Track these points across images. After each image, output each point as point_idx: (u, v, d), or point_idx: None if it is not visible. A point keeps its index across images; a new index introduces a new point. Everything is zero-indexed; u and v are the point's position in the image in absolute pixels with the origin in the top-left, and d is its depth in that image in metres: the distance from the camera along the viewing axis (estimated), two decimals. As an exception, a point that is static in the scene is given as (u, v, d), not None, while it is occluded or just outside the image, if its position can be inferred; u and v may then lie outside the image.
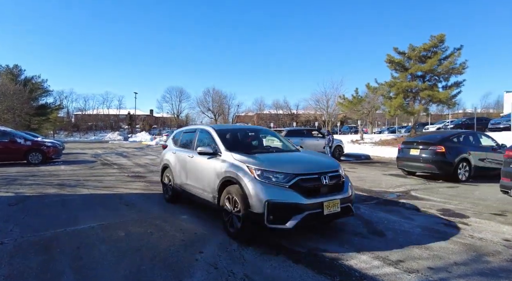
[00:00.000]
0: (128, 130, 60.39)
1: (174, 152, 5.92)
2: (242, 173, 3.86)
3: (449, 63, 18.77)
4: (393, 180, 8.87)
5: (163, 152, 6.51)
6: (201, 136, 5.38)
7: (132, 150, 23.93)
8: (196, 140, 5.38)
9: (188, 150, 5.46)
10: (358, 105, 22.21)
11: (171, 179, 5.85)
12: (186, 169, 5.33)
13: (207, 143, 5.01)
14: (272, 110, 64.84)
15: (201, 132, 5.44)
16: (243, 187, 3.76)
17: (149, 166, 12.73)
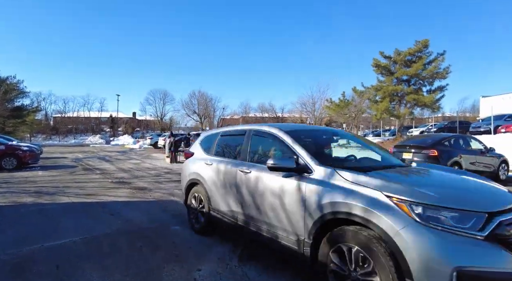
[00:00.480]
0: (110, 133, 58.77)
1: (208, 164, 4.20)
2: (381, 210, 2.15)
3: (433, 67, 19.16)
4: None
5: (187, 163, 4.83)
6: (258, 141, 3.71)
7: (115, 154, 23.10)
8: (249, 147, 3.68)
9: (237, 161, 3.73)
10: (345, 109, 22.34)
11: (206, 202, 4.16)
12: (237, 190, 3.57)
13: (272, 152, 3.48)
14: (258, 113, 64.77)
15: (258, 134, 3.70)
16: (390, 239, 2.05)
17: (133, 171, 12.18)
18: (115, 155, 21.41)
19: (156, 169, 12.96)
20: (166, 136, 26.44)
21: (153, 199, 6.75)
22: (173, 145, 16.66)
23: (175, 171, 11.96)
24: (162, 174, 11.27)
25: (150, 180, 9.65)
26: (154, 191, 7.66)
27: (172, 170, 12.48)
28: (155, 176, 10.72)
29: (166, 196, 7.04)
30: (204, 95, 55.16)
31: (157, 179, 9.84)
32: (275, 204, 2.99)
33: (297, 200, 2.75)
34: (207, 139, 4.74)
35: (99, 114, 65.50)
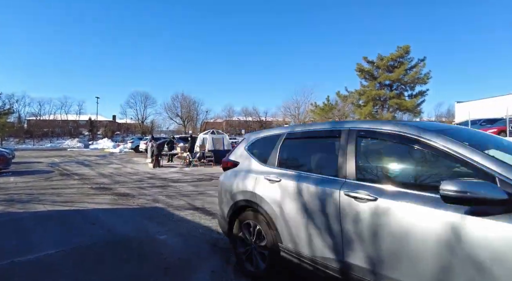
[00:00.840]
0: (89, 137, 56.84)
1: (272, 180, 2.85)
2: None
3: (415, 73, 19.63)
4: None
5: (228, 176, 3.47)
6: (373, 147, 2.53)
7: (94, 158, 22.22)
8: (353, 157, 2.34)
9: (331, 178, 2.43)
10: (329, 113, 22.54)
11: (270, 236, 2.80)
12: (339, 224, 2.24)
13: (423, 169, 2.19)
14: (241, 117, 64.68)
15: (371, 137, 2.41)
16: None
17: (114, 176, 11.64)
18: (95, 160, 20.58)
19: (138, 174, 12.47)
20: (147, 140, 25.79)
21: (137, 206, 6.38)
22: (155, 149, 16.16)
23: (158, 176, 11.53)
24: (144, 179, 10.82)
25: (132, 186, 9.22)
26: (137, 198, 7.28)
27: (155, 175, 12.03)
28: (137, 181, 10.27)
29: (151, 203, 6.68)
30: (187, 98, 54.53)
31: (139, 185, 9.41)
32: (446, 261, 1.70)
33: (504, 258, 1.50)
34: (260, 143, 3.37)
35: (77, 117, 63.33)
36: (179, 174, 12.22)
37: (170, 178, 11.09)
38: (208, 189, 8.42)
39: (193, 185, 9.33)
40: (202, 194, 7.75)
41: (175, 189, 8.50)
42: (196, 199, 7.08)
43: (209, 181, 10.31)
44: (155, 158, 15.21)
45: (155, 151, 15.36)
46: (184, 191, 8.15)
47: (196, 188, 8.64)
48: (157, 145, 15.60)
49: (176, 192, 8.09)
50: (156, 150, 15.32)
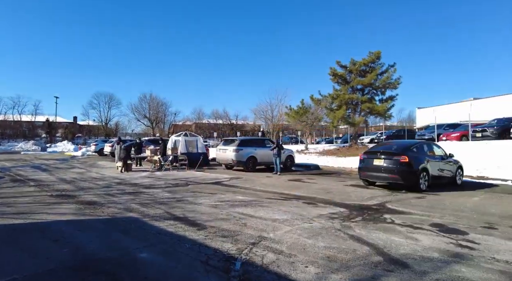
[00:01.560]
0: (46, 139, 52.73)
1: None
2: None
3: (386, 78, 20.11)
4: (359, 192, 8.54)
5: None
6: None
7: (54, 162, 20.37)
8: None
9: None
10: (303, 116, 22.49)
11: None
12: None
13: None
14: (211, 119, 63.59)
15: None
16: None
17: (77, 181, 10.52)
18: (54, 164, 18.84)
19: (104, 179, 11.39)
20: (113, 142, 24.14)
21: (107, 217, 5.58)
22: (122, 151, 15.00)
23: (127, 182, 10.58)
24: (113, 185, 9.85)
25: (99, 192, 8.28)
26: (106, 206, 6.44)
27: (124, 180, 11.05)
28: (105, 187, 9.29)
29: (123, 212, 5.90)
30: (155, 99, 52.41)
31: (108, 191, 8.48)
32: None
33: None
34: None
35: (33, 118, 58.59)
36: (151, 179, 11.34)
37: (141, 183, 10.20)
38: (186, 196, 7.73)
39: (169, 191, 8.58)
40: (180, 201, 7.06)
41: (149, 196, 7.72)
42: (175, 207, 6.39)
43: (185, 186, 9.58)
44: (123, 161, 14.08)
45: (122, 154, 14.22)
46: (159, 198, 7.40)
47: (172, 195, 7.91)
48: (124, 147, 14.48)
49: (150, 199, 7.32)
50: (124, 153, 14.19)
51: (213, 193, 8.14)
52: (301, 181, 11.04)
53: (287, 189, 8.94)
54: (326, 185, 9.94)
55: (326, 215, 5.70)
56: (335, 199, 7.44)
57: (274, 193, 8.23)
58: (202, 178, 11.73)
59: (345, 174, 13.54)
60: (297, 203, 6.91)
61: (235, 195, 7.93)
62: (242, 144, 14.30)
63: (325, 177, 12.29)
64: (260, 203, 6.83)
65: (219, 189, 9.00)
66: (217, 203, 6.76)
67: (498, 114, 30.77)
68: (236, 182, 10.62)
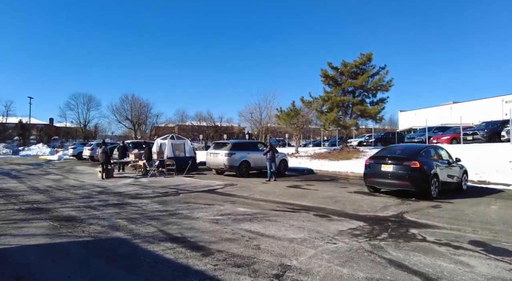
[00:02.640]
0: (19, 142, 49.80)
1: None
2: None
3: (378, 80, 19.81)
4: (368, 200, 7.90)
5: None
6: None
7: (26, 167, 18.78)
8: None
9: None
10: (294, 118, 21.88)
11: None
12: None
13: None
14: (195, 121, 62.28)
15: None
16: None
17: (53, 191, 9.37)
18: (26, 169, 17.32)
19: (84, 187, 10.27)
20: (92, 146, 22.61)
21: (89, 237, 4.64)
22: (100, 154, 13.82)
23: (110, 190, 9.52)
24: (94, 194, 8.79)
25: (79, 204, 7.25)
26: (87, 223, 5.48)
27: (106, 188, 9.98)
28: (85, 197, 8.24)
29: (108, 231, 4.97)
30: (137, 100, 50.49)
31: (88, 203, 7.46)
32: None
33: None
34: None
35: (4, 119, 55.24)
36: (137, 187, 10.31)
37: (126, 192, 9.18)
38: (180, 208, 6.83)
39: (159, 202, 7.64)
40: (174, 215, 6.16)
41: (137, 209, 6.77)
42: (170, 223, 5.50)
43: (176, 195, 8.65)
44: (101, 166, 12.90)
45: (101, 157, 13.00)
46: (149, 212, 6.47)
47: (164, 207, 6.99)
48: (103, 150, 13.22)
49: (139, 212, 6.38)
50: (103, 157, 12.97)
51: (210, 204, 7.27)
52: (301, 187, 10.33)
53: (290, 198, 8.19)
54: (329, 192, 9.27)
55: (347, 232, 4.98)
56: (346, 209, 6.76)
57: (278, 203, 7.46)
58: (193, 185, 10.80)
59: (342, 179, 12.96)
60: (307, 215, 6.16)
61: (235, 206, 7.10)
62: (234, 148, 13.46)
63: (324, 183, 11.64)
64: (266, 216, 6.04)
65: (215, 198, 8.14)
66: (217, 218, 5.91)
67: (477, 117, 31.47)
68: (232, 189, 9.78)
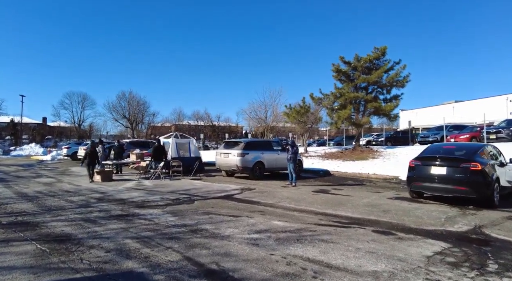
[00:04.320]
0: (10, 142, 47.93)
1: None
2: None
3: (395, 75, 18.63)
4: (422, 209, 6.64)
5: None
6: None
7: (16, 168, 17.30)
8: None
9: None
10: (304, 116, 20.58)
11: None
12: None
13: None
14: (192, 121, 60.84)
15: None
16: None
17: (43, 197, 7.99)
18: (16, 171, 15.85)
19: (80, 192, 8.90)
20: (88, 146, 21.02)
21: (91, 273, 3.29)
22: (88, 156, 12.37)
23: (111, 196, 8.17)
24: (92, 202, 7.44)
25: (74, 216, 5.90)
26: (87, 245, 4.14)
27: (106, 194, 8.62)
28: (81, 206, 6.89)
29: (115, 261, 3.63)
30: (135, 97, 48.83)
31: (86, 214, 6.11)
32: None
33: None
34: None
35: (-6, 118, 53.39)
36: (141, 192, 8.96)
37: (130, 199, 7.84)
38: (201, 222, 5.50)
39: (172, 212, 6.31)
40: (197, 232, 4.84)
41: (148, 223, 5.44)
42: (195, 246, 4.17)
43: (190, 203, 7.32)
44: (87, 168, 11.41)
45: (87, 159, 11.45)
46: (164, 227, 5.15)
47: (180, 220, 5.66)
48: (89, 150, 11.62)
49: (151, 228, 5.05)
50: (89, 158, 11.40)
51: (236, 216, 5.96)
52: (330, 193, 9.05)
53: (327, 207, 6.90)
54: (366, 198, 8.01)
55: (438, 259, 3.71)
56: (406, 222, 5.49)
57: (317, 215, 6.17)
58: (205, 189, 9.47)
59: (367, 182, 11.72)
60: (366, 232, 4.88)
61: (268, 218, 5.80)
62: (247, 147, 12.14)
63: (353, 187, 10.37)
64: (315, 234, 4.75)
65: (238, 207, 6.83)
66: (254, 236, 4.61)
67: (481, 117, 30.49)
68: (252, 195, 8.47)
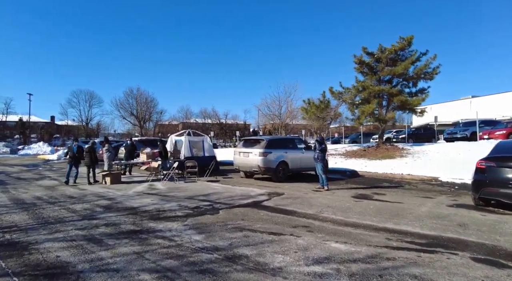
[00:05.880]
0: (19, 141, 47.52)
1: None
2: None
3: (424, 66, 17.12)
4: (507, 223, 5.32)
5: None
6: None
7: (19, 169, 16.34)
8: None
9: None
10: (324, 111, 19.21)
11: None
12: None
13: None
14: (199, 119, 59.84)
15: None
16: None
17: (42, 205, 6.85)
18: (18, 171, 14.86)
19: (85, 198, 7.76)
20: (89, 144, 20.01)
21: None
22: (111, 155, 11.42)
23: (120, 204, 6.98)
24: (97, 212, 6.26)
25: (76, 233, 4.71)
26: None
27: (114, 200, 7.45)
28: (85, 218, 5.71)
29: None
30: (143, 94, 47.83)
31: (90, 230, 4.91)
32: None
33: None
34: None
35: (4, 117, 53.12)
36: (154, 198, 7.77)
37: (142, 207, 6.65)
38: (235, 243, 4.25)
39: (195, 227, 5.08)
40: (234, 262, 3.58)
41: (168, 244, 4.21)
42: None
43: (214, 213, 6.08)
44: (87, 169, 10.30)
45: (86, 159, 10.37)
46: (189, 251, 3.91)
47: (208, 240, 4.42)
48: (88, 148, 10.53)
49: (174, 254, 3.82)
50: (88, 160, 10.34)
51: (277, 233, 4.70)
52: (373, 198, 7.75)
53: (383, 219, 5.60)
54: (423, 206, 6.69)
55: None
56: (505, 245, 4.18)
57: (377, 230, 4.88)
58: (227, 194, 8.24)
59: (404, 183, 10.35)
60: (465, 262, 3.58)
61: (318, 237, 4.53)
62: (270, 146, 10.88)
63: (394, 191, 9.03)
64: (397, 264, 3.47)
65: (274, 220, 5.58)
66: (316, 270, 3.35)
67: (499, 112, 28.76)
68: (284, 202, 7.21)
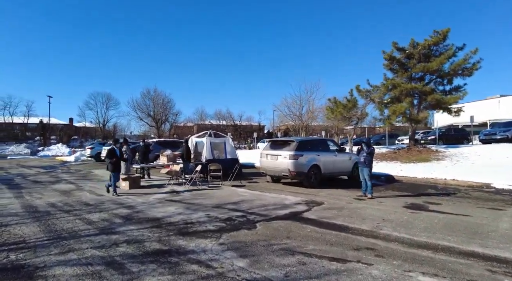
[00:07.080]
0: (39, 142, 48.23)
1: None
2: None
3: (462, 61, 15.76)
4: None
5: None
6: None
7: (37, 171, 15.94)
8: None
9: None
10: (352, 110, 18.10)
11: None
12: None
13: None
14: (214, 120, 59.23)
15: None
16: None
17: (56, 214, 6.10)
18: (36, 174, 14.41)
19: (102, 205, 6.99)
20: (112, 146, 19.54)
21: None
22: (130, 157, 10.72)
23: (142, 213, 6.15)
24: (117, 223, 5.45)
25: (91, 254, 3.88)
26: None
27: (134, 209, 6.64)
28: (102, 232, 4.88)
29: None
30: (160, 95, 47.46)
31: (109, 250, 4.07)
32: None
33: None
34: None
35: (25, 120, 54.13)
36: (178, 206, 6.92)
37: (166, 218, 5.80)
38: (293, 274, 3.28)
39: (234, 247, 4.16)
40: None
41: (206, 273, 3.30)
42: None
43: (251, 228, 5.15)
44: None
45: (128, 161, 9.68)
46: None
47: (255, 267, 3.48)
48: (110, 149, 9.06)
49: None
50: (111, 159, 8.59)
51: (339, 259, 3.73)
52: (428, 209, 6.64)
53: (462, 239, 4.53)
54: (498, 221, 5.57)
55: None
56: None
57: (463, 255, 3.83)
58: (259, 203, 7.31)
59: (453, 190, 9.14)
60: None
61: (395, 265, 3.53)
62: (301, 148, 9.88)
63: (448, 200, 7.87)
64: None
65: (326, 238, 4.60)
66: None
67: None
68: (328, 214, 6.20)
